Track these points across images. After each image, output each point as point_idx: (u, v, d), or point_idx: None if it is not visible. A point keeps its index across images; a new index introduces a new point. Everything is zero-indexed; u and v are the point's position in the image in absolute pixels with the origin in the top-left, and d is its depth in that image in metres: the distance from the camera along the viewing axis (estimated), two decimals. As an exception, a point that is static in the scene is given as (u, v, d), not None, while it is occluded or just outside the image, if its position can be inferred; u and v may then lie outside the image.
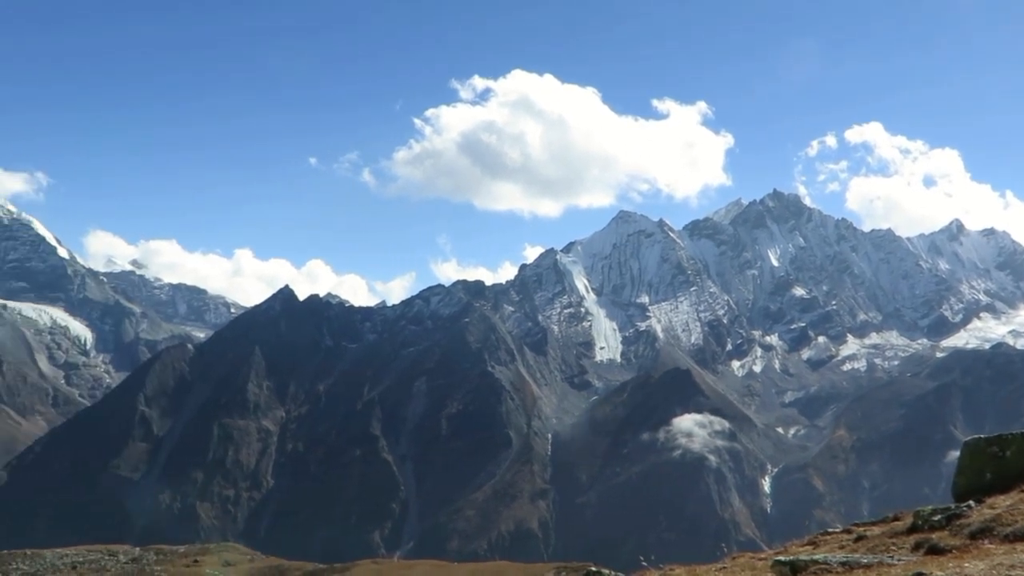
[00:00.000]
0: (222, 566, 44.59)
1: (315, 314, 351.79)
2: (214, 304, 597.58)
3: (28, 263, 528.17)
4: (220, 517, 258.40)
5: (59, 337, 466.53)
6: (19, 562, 45.16)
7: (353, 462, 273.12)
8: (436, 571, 45.01)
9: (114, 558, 45.77)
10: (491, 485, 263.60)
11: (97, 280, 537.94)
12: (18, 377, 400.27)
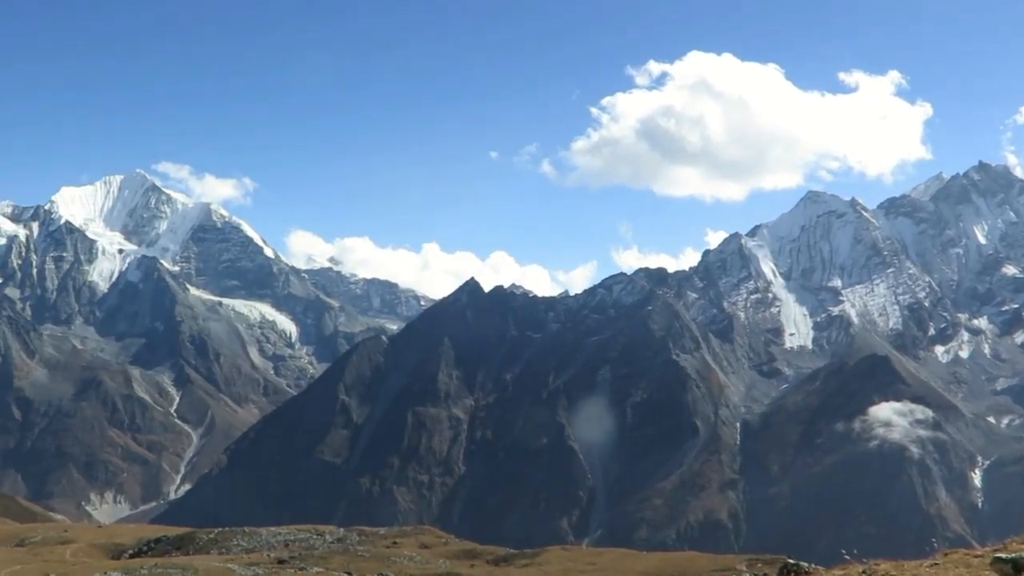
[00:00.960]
0: (419, 548, 46.72)
1: (500, 305, 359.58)
2: (405, 297, 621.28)
3: (239, 263, 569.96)
4: (416, 501, 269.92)
5: (267, 331, 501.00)
6: (239, 539, 49.14)
7: (540, 450, 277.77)
8: (624, 559, 45.25)
9: (321, 537, 48.98)
10: (678, 474, 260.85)
11: (299, 277, 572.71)
12: (233, 368, 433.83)
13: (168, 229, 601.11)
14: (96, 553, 49.74)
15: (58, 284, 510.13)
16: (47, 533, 60.50)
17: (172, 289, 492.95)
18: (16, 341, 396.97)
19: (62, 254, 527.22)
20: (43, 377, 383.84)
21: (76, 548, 50.14)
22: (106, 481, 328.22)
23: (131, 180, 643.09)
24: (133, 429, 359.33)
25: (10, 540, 58.09)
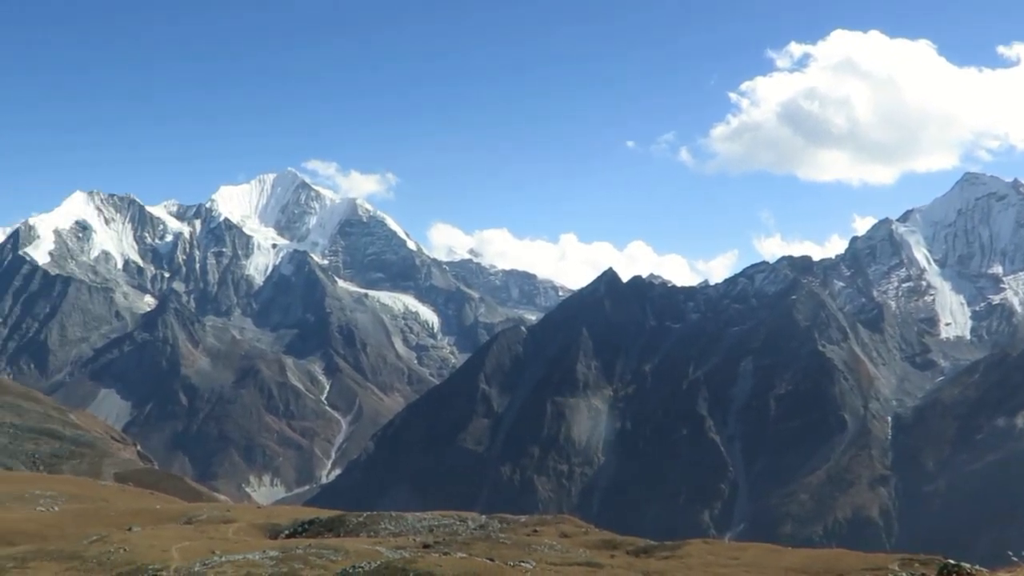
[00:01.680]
0: (559, 537, 47.29)
1: (638, 295, 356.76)
2: (543, 288, 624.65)
3: (383, 256, 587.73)
4: (555, 490, 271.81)
5: (411, 322, 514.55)
6: (386, 522, 51.04)
7: (680, 441, 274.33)
8: (769, 555, 44.36)
9: (464, 524, 50.20)
10: (825, 469, 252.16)
11: (441, 269, 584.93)
12: (379, 358, 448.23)
13: (317, 224, 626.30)
14: (255, 532, 52.75)
15: (218, 278, 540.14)
16: (212, 512, 64.52)
17: (322, 282, 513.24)
18: (182, 332, 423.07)
19: (222, 249, 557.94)
20: (206, 366, 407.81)
21: (237, 527, 53.29)
22: (264, 464, 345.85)
23: (283, 178, 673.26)
24: (287, 416, 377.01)
25: (179, 518, 62.47)
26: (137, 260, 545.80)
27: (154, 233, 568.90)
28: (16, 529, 56.42)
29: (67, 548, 44.45)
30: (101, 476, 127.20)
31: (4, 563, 40.17)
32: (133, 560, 39.48)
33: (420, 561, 32.33)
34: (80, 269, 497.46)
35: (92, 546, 44.12)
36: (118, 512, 65.61)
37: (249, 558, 37.37)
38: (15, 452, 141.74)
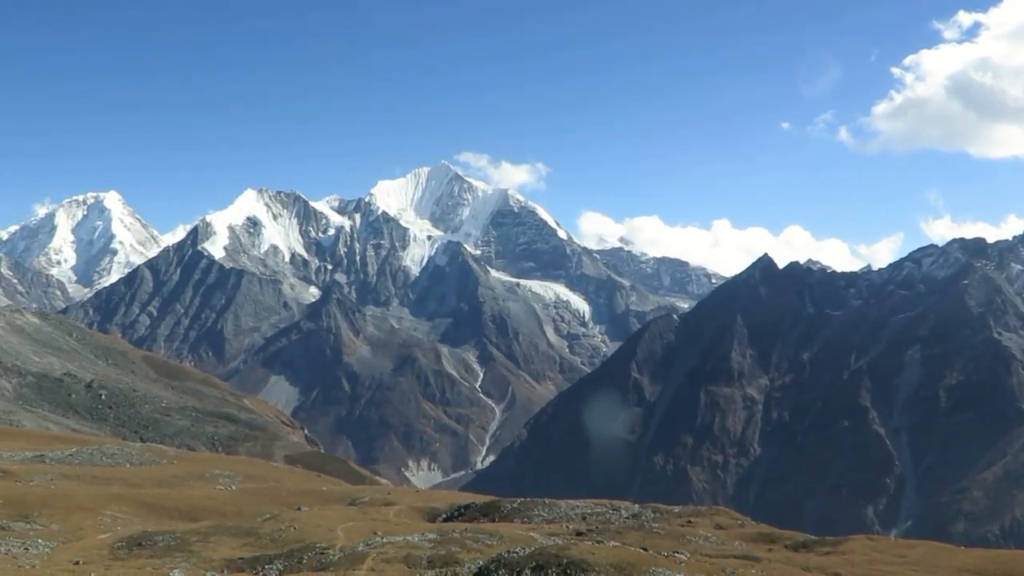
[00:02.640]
0: (714, 528, 46.60)
1: (795, 281, 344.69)
2: (695, 275, 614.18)
3: (534, 245, 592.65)
4: (710, 481, 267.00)
5: (562, 310, 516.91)
6: (539, 509, 51.63)
7: (841, 433, 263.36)
8: (939, 554, 42.00)
9: (617, 512, 50.13)
10: (1002, 465, 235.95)
11: (591, 257, 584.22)
12: (531, 347, 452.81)
13: (470, 215, 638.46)
14: (414, 515, 54.51)
15: (377, 269, 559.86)
16: (374, 495, 67.10)
17: (475, 272, 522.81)
18: (344, 321, 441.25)
19: (380, 242, 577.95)
20: (367, 354, 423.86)
21: (398, 509, 55.21)
22: (421, 450, 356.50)
23: (437, 171, 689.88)
24: (443, 403, 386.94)
25: (343, 499, 65.39)
26: (302, 253, 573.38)
27: (318, 227, 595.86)
28: (199, 506, 60.64)
29: (243, 525, 47.39)
30: (273, 458, 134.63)
31: (188, 537, 43.27)
32: (302, 538, 41.69)
33: (573, 548, 32.63)
34: (251, 262, 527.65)
35: (265, 524, 46.85)
36: (288, 492, 69.35)
37: (409, 540, 38.73)
38: (197, 434, 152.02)
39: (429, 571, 33.54)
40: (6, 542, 45.00)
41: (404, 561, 35.10)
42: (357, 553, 36.88)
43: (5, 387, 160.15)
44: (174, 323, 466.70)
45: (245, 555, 38.91)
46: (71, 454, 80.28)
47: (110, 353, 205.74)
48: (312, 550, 38.30)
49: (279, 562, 36.94)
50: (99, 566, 35.16)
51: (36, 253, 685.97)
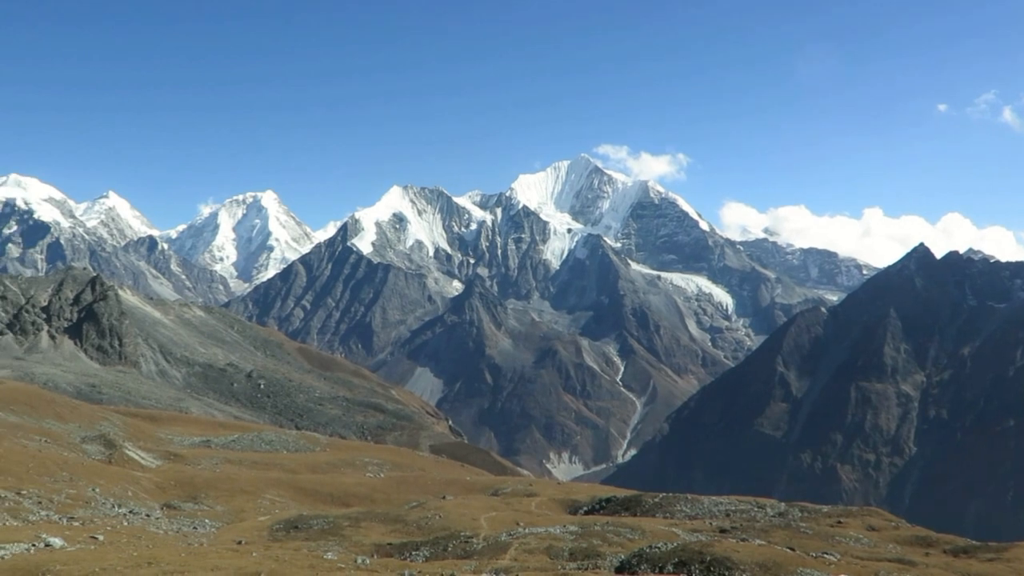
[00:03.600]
0: (866, 530, 44.97)
1: (955, 272, 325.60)
2: (845, 266, 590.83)
3: (675, 237, 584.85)
4: (861, 481, 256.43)
5: (704, 303, 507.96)
6: (682, 504, 51.11)
7: (1007, 433, 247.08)
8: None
9: (762, 510, 49.08)
10: None
11: (734, 249, 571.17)
12: (673, 340, 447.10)
13: (610, 208, 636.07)
14: (555, 507, 55.02)
15: (518, 263, 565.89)
16: (516, 486, 68.10)
17: (615, 264, 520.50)
18: (486, 314, 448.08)
19: (521, 235, 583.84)
20: (508, 346, 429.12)
21: (539, 501, 55.87)
22: (562, 442, 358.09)
23: (576, 164, 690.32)
24: (584, 396, 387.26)
25: (486, 489, 66.72)
26: (446, 248, 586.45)
27: (460, 222, 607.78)
28: (350, 492, 63.26)
29: (391, 511, 49.14)
30: (419, 447, 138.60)
31: (340, 521, 45.24)
32: (447, 526, 42.89)
33: (717, 545, 32.26)
34: (397, 257, 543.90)
35: (412, 511, 48.41)
36: (433, 481, 71.37)
37: (550, 531, 39.22)
38: (348, 423, 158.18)
39: (571, 563, 33.84)
40: (177, 520, 48.32)
41: (546, 552, 35.54)
42: (500, 543, 37.58)
43: (175, 376, 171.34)
44: (326, 316, 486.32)
45: (393, 541, 40.36)
46: (234, 440, 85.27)
47: (268, 345, 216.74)
48: (457, 538, 39.30)
49: (425, 549, 38.11)
50: (259, 546, 37.22)
51: (201, 250, 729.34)
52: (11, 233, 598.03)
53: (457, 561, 34.12)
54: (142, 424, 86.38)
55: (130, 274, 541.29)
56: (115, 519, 45.33)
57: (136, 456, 67.07)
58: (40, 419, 72.94)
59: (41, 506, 44.48)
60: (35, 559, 27.80)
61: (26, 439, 61.25)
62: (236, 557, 30.97)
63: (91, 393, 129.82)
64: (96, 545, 32.44)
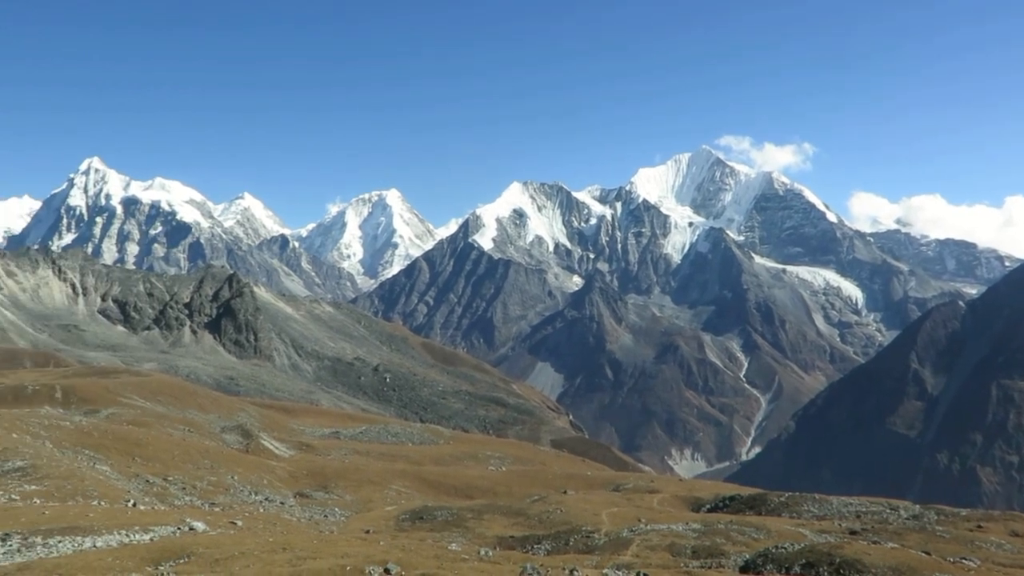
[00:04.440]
0: (1008, 535, 42.70)
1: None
2: (984, 258, 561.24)
3: (801, 229, 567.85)
4: (1003, 483, 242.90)
5: (832, 297, 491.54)
6: (809, 504, 49.74)
7: None
8: None
9: (895, 512, 47.29)
10: None
11: (864, 241, 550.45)
12: (799, 335, 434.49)
13: (732, 200, 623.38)
14: (678, 504, 54.43)
15: (638, 257, 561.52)
16: (637, 482, 67.78)
17: (738, 258, 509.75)
18: (607, 309, 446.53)
19: (641, 230, 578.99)
20: (629, 341, 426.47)
21: (661, 498, 55.39)
22: (684, 439, 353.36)
23: (697, 157, 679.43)
24: (706, 392, 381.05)
25: (607, 485, 66.64)
26: (565, 243, 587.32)
27: (580, 217, 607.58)
28: (472, 484, 64.35)
29: (513, 505, 49.75)
30: (539, 442, 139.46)
31: (464, 513, 46.12)
32: (568, 521, 43.10)
33: (847, 547, 31.33)
34: (518, 253, 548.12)
35: (534, 505, 48.87)
36: (554, 475, 71.76)
37: (673, 528, 38.87)
38: (470, 417, 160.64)
39: (693, 561, 33.51)
40: (309, 508, 50.28)
41: (668, 550, 35.30)
42: (622, 539, 37.55)
43: (306, 370, 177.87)
44: (448, 311, 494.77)
45: (515, 534, 40.87)
46: (361, 431, 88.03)
47: (393, 340, 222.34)
48: (578, 533, 39.47)
49: (547, 543, 38.44)
50: (386, 536, 38.36)
51: (330, 248, 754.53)
52: (156, 234, 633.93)
53: (579, 556, 34.26)
54: (276, 415, 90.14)
55: (264, 271, 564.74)
56: (252, 506, 47.57)
57: (271, 446, 70.14)
58: (183, 409, 77.12)
59: (185, 491, 47.12)
60: (180, 542, 29.50)
61: (171, 428, 64.92)
62: (364, 545, 32.04)
63: (229, 385, 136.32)
64: (235, 530, 34.14)
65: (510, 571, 26.29)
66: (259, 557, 27.02)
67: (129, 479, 46.98)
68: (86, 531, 29.78)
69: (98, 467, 47.86)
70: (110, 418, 64.37)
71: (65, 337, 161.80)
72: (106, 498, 39.71)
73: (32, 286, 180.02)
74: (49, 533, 29.10)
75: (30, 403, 67.29)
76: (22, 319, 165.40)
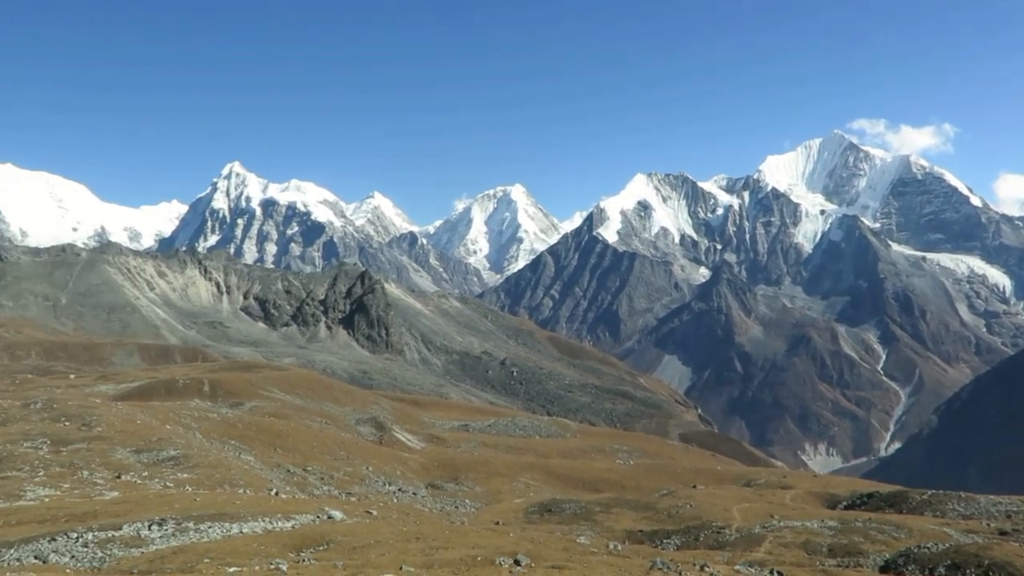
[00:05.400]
0: None
1: None
2: None
3: (942, 215, 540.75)
4: None
5: (977, 285, 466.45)
6: (954, 503, 47.57)
7: None
8: None
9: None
10: None
11: (1012, 225, 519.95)
12: (941, 326, 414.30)
13: (867, 186, 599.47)
14: (812, 500, 53.01)
15: (767, 247, 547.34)
16: (769, 477, 66.40)
17: (874, 246, 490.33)
18: (735, 301, 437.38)
19: (770, 219, 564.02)
20: (758, 334, 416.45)
21: (794, 494, 54.06)
22: (818, 433, 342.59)
23: (829, 142, 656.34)
24: (841, 385, 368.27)
25: (738, 480, 65.54)
26: (691, 234, 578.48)
27: (706, 207, 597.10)
28: (600, 478, 64.46)
29: (641, 499, 49.59)
30: (667, 435, 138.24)
31: (592, 507, 46.31)
32: (699, 516, 42.66)
33: (996, 549, 29.88)
34: (643, 245, 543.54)
35: (662, 499, 48.58)
36: (683, 470, 71.07)
37: (807, 526, 37.93)
38: (597, 410, 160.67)
39: (830, 560, 32.66)
40: (440, 499, 51.54)
41: (803, 547, 34.52)
42: (754, 535, 36.96)
43: (436, 364, 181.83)
44: (574, 305, 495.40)
45: (644, 528, 40.77)
46: (489, 424, 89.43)
47: (519, 334, 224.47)
48: (708, 528, 39.06)
49: (676, 537, 38.20)
50: (516, 528, 38.97)
51: (456, 244, 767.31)
52: (293, 233, 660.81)
53: (709, 551, 33.94)
54: (407, 408, 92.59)
55: (394, 268, 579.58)
56: (386, 496, 49.13)
57: (403, 438, 72.15)
58: (320, 402, 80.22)
59: (323, 481, 49.10)
60: (319, 530, 30.83)
61: (309, 420, 67.67)
62: (495, 537, 32.66)
63: (362, 379, 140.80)
64: (370, 519, 35.37)
65: (639, 565, 26.31)
66: (394, 546, 27.98)
67: (271, 469, 49.33)
68: (233, 518, 31.54)
69: (243, 457, 50.45)
70: (253, 410, 67.67)
71: (211, 333, 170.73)
72: (251, 487, 41.85)
73: (181, 286, 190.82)
74: (200, 519, 30.96)
75: (181, 396, 71.45)
76: (172, 317, 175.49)
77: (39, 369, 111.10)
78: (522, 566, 24.52)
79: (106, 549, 27.49)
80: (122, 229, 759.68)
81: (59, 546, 27.43)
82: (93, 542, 27.97)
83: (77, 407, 56.32)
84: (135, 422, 52.71)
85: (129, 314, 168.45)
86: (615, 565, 26.21)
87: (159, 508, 32.50)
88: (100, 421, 51.61)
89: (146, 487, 39.11)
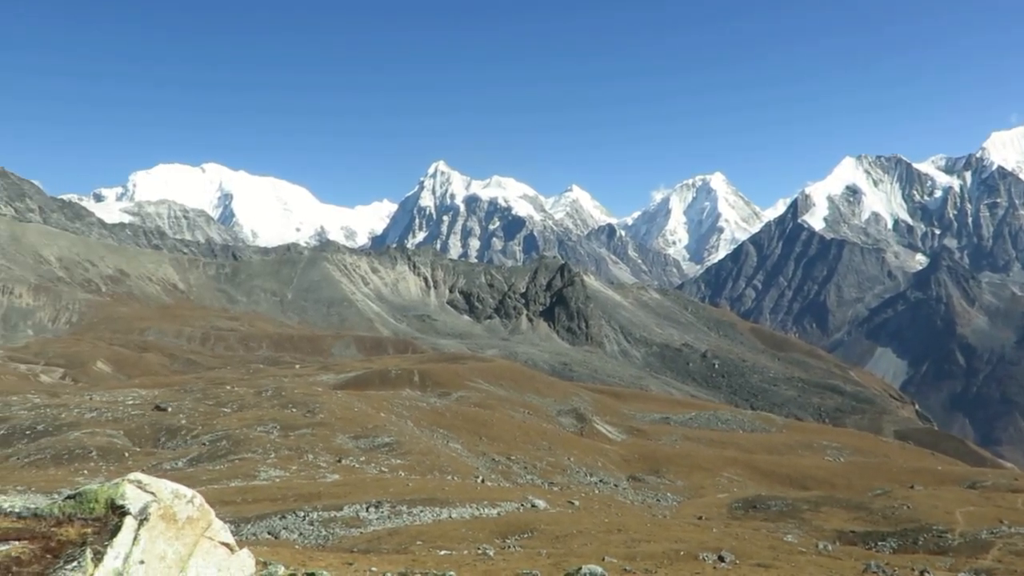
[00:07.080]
0: None
1: None
2: None
3: None
4: None
5: None
6: None
7: None
8: None
9: None
10: None
11: None
12: None
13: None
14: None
15: (993, 231, 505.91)
16: (998, 479, 61.75)
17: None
18: (956, 289, 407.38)
19: (996, 200, 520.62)
20: (984, 324, 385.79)
21: (1027, 498, 50.10)
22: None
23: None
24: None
25: (961, 481, 61.27)
26: (906, 219, 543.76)
27: (922, 190, 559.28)
28: (807, 475, 62.30)
29: (853, 498, 47.55)
30: (881, 432, 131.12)
31: (799, 504, 44.87)
32: (916, 518, 40.41)
33: None
34: (852, 232, 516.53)
35: (876, 499, 46.38)
36: (899, 469, 67.35)
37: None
38: (803, 404, 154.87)
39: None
40: (641, 492, 51.69)
41: (1035, 556, 32.03)
42: (980, 541, 34.75)
43: (635, 356, 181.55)
44: (778, 295, 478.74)
45: (857, 529, 39.16)
46: (691, 418, 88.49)
47: (720, 325, 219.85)
48: (928, 532, 37.08)
49: (892, 540, 36.48)
50: (719, 523, 38.51)
51: (655, 235, 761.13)
52: (495, 228, 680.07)
53: (929, 556, 32.24)
54: (607, 400, 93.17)
55: (592, 260, 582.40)
56: (587, 487, 49.86)
57: (603, 430, 72.76)
58: (522, 393, 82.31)
59: (526, 470, 50.51)
60: (524, 517, 31.88)
61: (512, 410, 69.67)
62: (697, 531, 32.52)
63: (563, 370, 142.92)
64: (573, 509, 36.12)
65: (852, 568, 25.46)
66: (596, 536, 28.54)
67: (477, 457, 51.30)
68: (443, 503, 33.25)
69: (451, 445, 52.77)
70: (459, 400, 70.50)
71: (420, 326, 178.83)
72: (458, 473, 43.79)
73: (392, 281, 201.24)
74: (413, 503, 32.88)
75: (393, 386, 75.55)
76: (385, 310, 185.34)
77: (269, 359, 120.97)
78: (726, 562, 24.33)
79: (329, 528, 29.91)
80: (339, 228, 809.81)
81: (288, 523, 30.15)
82: (318, 521, 30.52)
83: (302, 395, 60.99)
84: (353, 409, 56.39)
85: (346, 308, 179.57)
86: (825, 566, 25.52)
87: (376, 491, 34.77)
88: (322, 408, 55.64)
89: (363, 471, 41.86)
